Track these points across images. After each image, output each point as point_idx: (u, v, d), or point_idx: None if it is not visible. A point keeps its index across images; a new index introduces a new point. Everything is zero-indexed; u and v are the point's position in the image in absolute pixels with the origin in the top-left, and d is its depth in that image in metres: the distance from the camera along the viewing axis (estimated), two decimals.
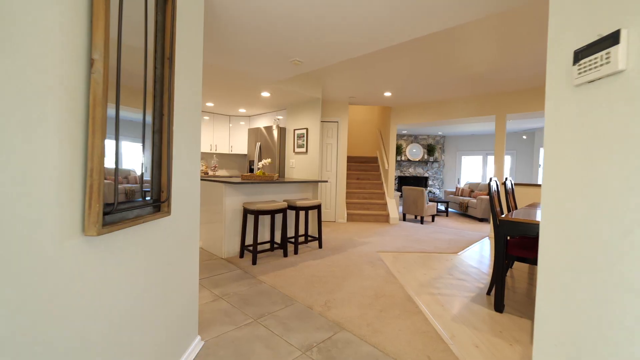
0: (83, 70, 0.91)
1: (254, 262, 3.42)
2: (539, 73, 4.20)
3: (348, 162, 7.84)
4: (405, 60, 3.84)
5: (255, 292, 2.67)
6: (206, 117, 6.09)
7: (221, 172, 6.73)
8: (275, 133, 5.07)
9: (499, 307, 2.44)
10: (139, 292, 1.24)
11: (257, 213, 3.42)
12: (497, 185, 2.88)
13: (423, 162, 11.17)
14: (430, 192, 11.03)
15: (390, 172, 6.69)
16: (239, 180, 3.77)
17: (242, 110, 5.89)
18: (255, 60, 3.11)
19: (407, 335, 2.05)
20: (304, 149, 4.86)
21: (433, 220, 7.22)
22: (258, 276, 3.07)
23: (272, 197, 4.11)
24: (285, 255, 3.74)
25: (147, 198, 1.30)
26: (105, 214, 0.99)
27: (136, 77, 1.23)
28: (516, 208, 3.67)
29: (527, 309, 2.50)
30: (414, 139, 11.16)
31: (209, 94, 4.67)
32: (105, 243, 1.04)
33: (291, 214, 4.35)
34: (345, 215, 6.23)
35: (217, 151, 6.28)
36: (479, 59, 3.72)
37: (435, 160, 11.04)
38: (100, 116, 0.92)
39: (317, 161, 4.69)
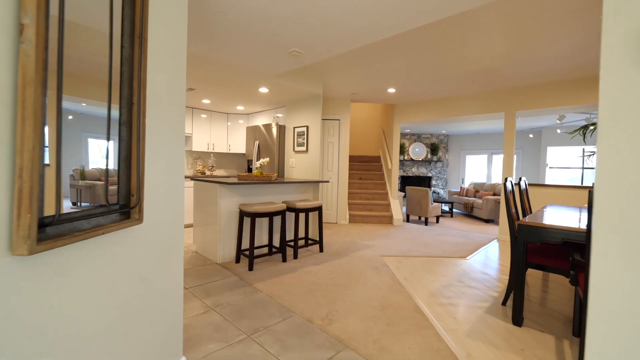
0: (9, 38, 0.70)
1: (251, 268, 3.21)
2: (553, 67, 3.96)
3: (350, 161, 7.62)
4: (411, 55, 3.61)
5: (251, 303, 2.45)
6: (203, 115, 5.89)
7: (219, 172, 6.52)
8: (274, 131, 4.86)
9: (517, 320, 2.21)
10: (99, 316, 1.03)
11: (254, 215, 3.21)
12: (512, 185, 2.66)
13: (426, 162, 10.94)
14: (434, 192, 10.80)
15: (393, 172, 6.47)
16: (235, 180, 3.56)
17: (240, 108, 5.68)
18: (250, 51, 2.90)
19: (418, 354, 1.83)
20: (304, 148, 4.65)
21: (437, 222, 6.99)
22: (254, 284, 2.85)
23: (271, 198, 3.89)
24: (284, 260, 3.52)
25: (114, 203, 1.09)
26: (44, 225, 0.77)
27: (97, 55, 1.02)
28: (531, 210, 3.44)
29: (547, 322, 2.27)
30: (417, 138, 10.93)
31: (205, 90, 4.47)
32: (46, 262, 0.82)
33: (291, 216, 4.14)
34: (348, 216, 6.02)
35: (215, 150, 6.07)
36: (492, 52, 3.49)
37: (439, 160, 10.81)
38: (33, 99, 0.70)
39: (318, 160, 4.47)
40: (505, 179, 2.57)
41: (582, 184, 8.84)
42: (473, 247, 4.52)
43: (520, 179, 3.23)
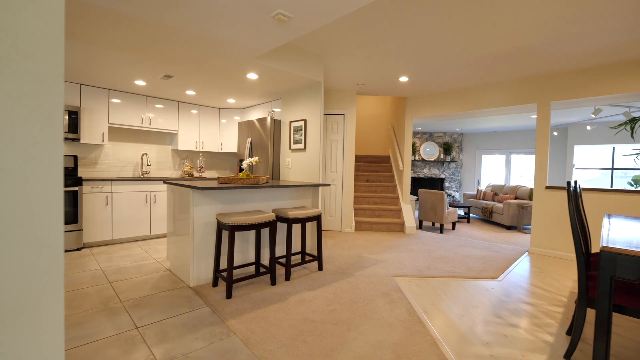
0: None
1: (229, 295, 2.54)
2: (610, 43, 3.21)
3: (356, 161, 6.92)
4: (428, 29, 2.92)
5: (216, 354, 1.78)
6: (194, 111, 5.28)
7: (209, 174, 5.89)
8: (269, 126, 4.21)
9: None
10: None
11: (233, 229, 2.54)
12: (578, 190, 1.94)
13: (439, 162, 10.17)
14: (448, 195, 10.00)
15: (405, 174, 5.75)
16: (214, 184, 2.90)
17: (231, 101, 5.05)
18: (224, 16, 2.24)
19: None
20: (301, 146, 3.98)
21: (454, 228, 6.25)
22: (229, 320, 2.18)
23: (259, 205, 3.23)
24: (273, 282, 2.85)
25: None
26: None
27: None
28: (586, 223, 2.70)
29: None
30: (429, 137, 10.17)
31: (184, 77, 3.83)
32: None
33: (283, 228, 3.46)
34: (353, 223, 5.32)
35: (204, 149, 5.44)
36: (530, 21, 2.77)
37: (453, 160, 10.03)
38: None
39: (318, 160, 3.80)
40: (572, 183, 1.84)
41: (611, 186, 7.98)
42: (502, 262, 3.78)
43: (574, 182, 2.49)
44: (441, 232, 5.85)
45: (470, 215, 8.28)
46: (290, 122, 4.17)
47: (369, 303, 2.50)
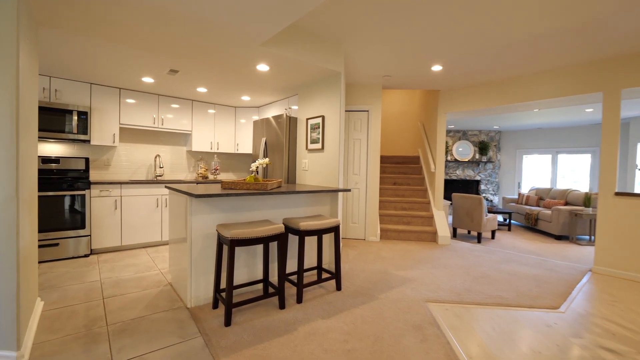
0: None
1: (227, 322, 2.15)
2: None
3: (382, 162, 6.38)
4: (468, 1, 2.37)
5: None
6: (209, 110, 5.01)
7: (225, 176, 5.61)
8: (284, 124, 3.81)
9: None
10: None
11: (233, 243, 2.15)
12: None
13: (474, 163, 9.32)
14: (486, 199, 9.15)
15: (437, 176, 5.13)
16: (217, 190, 2.53)
17: (245, 98, 4.71)
18: None
19: None
20: (318, 145, 3.54)
21: (493, 237, 5.53)
22: (222, 358, 1.78)
23: (268, 214, 2.83)
24: (282, 306, 2.42)
25: None
26: None
27: None
28: None
29: None
30: (463, 135, 9.36)
31: (190, 71, 3.52)
32: None
33: (296, 240, 3.03)
34: (378, 231, 4.79)
35: (219, 150, 5.16)
36: None
37: (489, 161, 9.14)
38: None
39: (337, 161, 3.33)
40: None
41: None
42: (560, 285, 3.10)
43: None
44: (479, 241, 5.17)
45: (512, 222, 7.43)
46: (307, 119, 3.74)
47: (396, 341, 2.00)
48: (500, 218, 7.85)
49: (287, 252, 2.98)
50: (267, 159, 2.96)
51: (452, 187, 9.52)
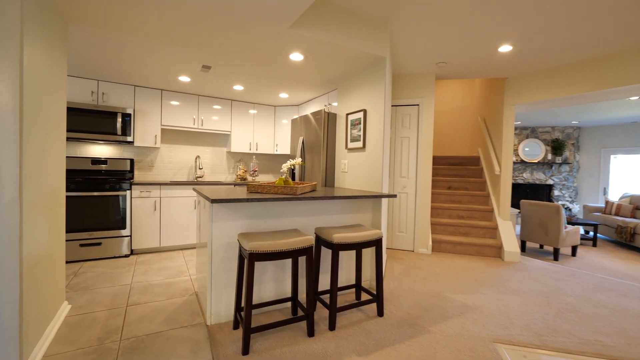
0: None
1: (245, 350, 1.83)
2: None
3: (435, 164, 5.70)
4: None
5: None
6: (248, 110, 4.87)
7: (263, 177, 5.43)
8: (322, 121, 3.46)
9: None
10: None
11: (252, 257, 1.83)
12: None
13: (545, 165, 8.05)
14: (564, 208, 7.84)
15: (504, 180, 4.35)
16: (243, 194, 2.25)
17: (283, 96, 4.45)
18: None
19: None
20: (359, 144, 3.10)
21: (574, 254, 4.57)
22: None
23: (298, 222, 2.47)
24: (311, 332, 2.04)
25: None
26: None
27: None
28: None
29: None
30: (531, 132, 8.13)
31: (223, 67, 3.33)
32: None
33: (330, 253, 2.63)
34: (430, 243, 4.18)
35: (259, 151, 4.99)
36: None
37: (565, 162, 7.81)
38: None
39: (380, 162, 2.87)
40: None
41: None
42: None
43: None
44: (556, 259, 4.28)
45: (597, 235, 6.18)
46: (347, 114, 3.33)
47: None
48: (581, 231, 6.61)
49: (320, 266, 2.60)
50: (298, 160, 2.62)
51: (517, 192, 8.33)
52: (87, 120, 3.78)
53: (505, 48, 3.22)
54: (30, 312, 1.69)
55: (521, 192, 8.33)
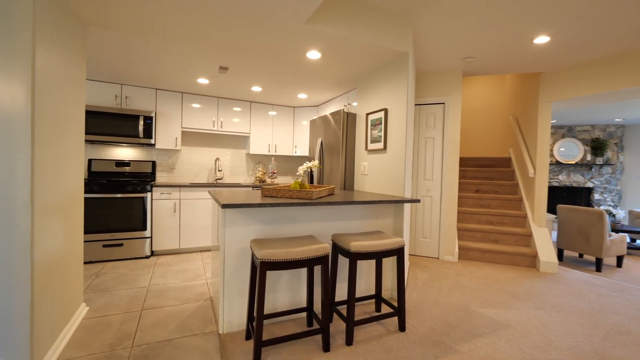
0: None
1: None
2: None
3: (461, 165, 5.40)
4: None
5: None
6: (267, 112, 4.83)
7: (282, 180, 5.36)
8: (342, 122, 3.32)
9: None
10: None
11: (263, 266, 1.72)
12: None
13: (584, 166, 7.45)
14: (607, 213, 7.22)
15: (538, 183, 4.02)
16: (257, 198, 2.17)
17: (302, 96, 4.36)
18: None
19: None
20: (380, 145, 2.94)
21: (620, 265, 4.15)
22: None
23: (314, 227, 2.35)
24: (326, 347, 1.91)
25: None
26: None
27: None
28: None
29: None
30: (568, 131, 7.57)
31: (239, 67, 3.28)
32: None
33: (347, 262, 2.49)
34: (456, 250, 3.93)
35: (277, 153, 4.93)
36: None
37: (607, 163, 7.19)
38: None
39: (402, 164, 2.70)
40: None
41: None
42: None
43: None
44: (598, 270, 3.90)
45: None
46: (367, 114, 3.18)
47: None
48: (627, 238, 6.04)
49: (337, 274, 2.46)
50: (315, 162, 2.50)
51: (553, 195, 7.78)
52: (111, 124, 3.87)
53: (541, 39, 2.95)
54: (42, 316, 1.67)
55: (557, 196, 7.77)
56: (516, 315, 2.45)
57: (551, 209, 7.82)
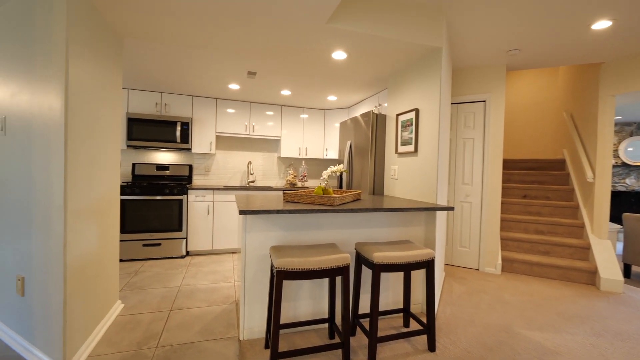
0: None
1: None
2: None
3: (505, 168, 4.96)
4: None
5: None
6: (299, 115, 4.83)
7: (312, 183, 5.32)
8: (370, 124, 3.19)
9: None
10: None
11: (280, 275, 1.67)
12: None
13: None
14: None
15: (599, 189, 3.54)
16: (279, 204, 2.13)
17: (332, 98, 4.28)
18: None
19: None
20: (411, 148, 2.76)
21: None
22: None
23: (336, 235, 2.26)
24: None
25: None
26: None
27: None
28: None
29: None
30: (636, 129, 6.64)
31: (267, 71, 3.29)
32: None
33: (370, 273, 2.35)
34: (499, 261, 3.59)
35: (308, 156, 4.90)
36: None
37: None
38: None
39: (435, 168, 2.50)
40: None
41: None
42: None
43: None
44: None
45: None
46: (397, 115, 3.01)
47: None
48: None
49: (362, 285, 2.34)
50: (340, 167, 2.40)
51: (618, 202, 6.86)
52: (152, 130, 4.10)
53: (601, 24, 2.57)
54: (75, 314, 1.77)
55: (623, 202, 6.84)
56: (568, 342, 2.14)
57: (616, 218, 6.90)
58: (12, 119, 1.86)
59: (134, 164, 4.35)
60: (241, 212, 1.74)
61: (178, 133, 4.20)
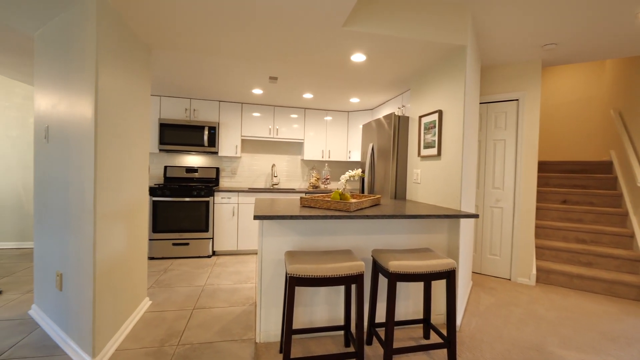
0: None
1: None
2: None
3: (542, 171, 4.63)
4: None
5: None
6: (322, 117, 4.84)
7: (335, 185, 5.28)
8: (392, 126, 3.11)
9: None
10: None
11: (293, 281, 1.67)
12: None
13: None
14: None
15: None
16: (296, 209, 2.15)
17: (354, 100, 4.23)
18: None
19: None
20: (434, 151, 2.65)
21: None
22: None
23: (352, 241, 2.22)
24: None
25: None
26: None
27: None
28: None
29: None
30: None
31: (287, 73, 3.31)
32: None
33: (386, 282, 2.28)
34: (534, 271, 3.34)
35: (331, 159, 4.88)
36: None
37: None
38: None
39: (459, 172, 2.38)
40: None
41: None
42: None
43: None
44: None
45: None
46: (420, 117, 2.91)
47: None
48: None
49: (379, 293, 2.28)
50: (357, 171, 2.36)
51: None
52: (182, 134, 4.30)
53: None
54: (105, 310, 1.89)
55: None
56: None
57: None
58: (54, 128, 2.03)
59: (165, 167, 4.58)
60: (255, 217, 1.77)
61: (206, 137, 4.37)
